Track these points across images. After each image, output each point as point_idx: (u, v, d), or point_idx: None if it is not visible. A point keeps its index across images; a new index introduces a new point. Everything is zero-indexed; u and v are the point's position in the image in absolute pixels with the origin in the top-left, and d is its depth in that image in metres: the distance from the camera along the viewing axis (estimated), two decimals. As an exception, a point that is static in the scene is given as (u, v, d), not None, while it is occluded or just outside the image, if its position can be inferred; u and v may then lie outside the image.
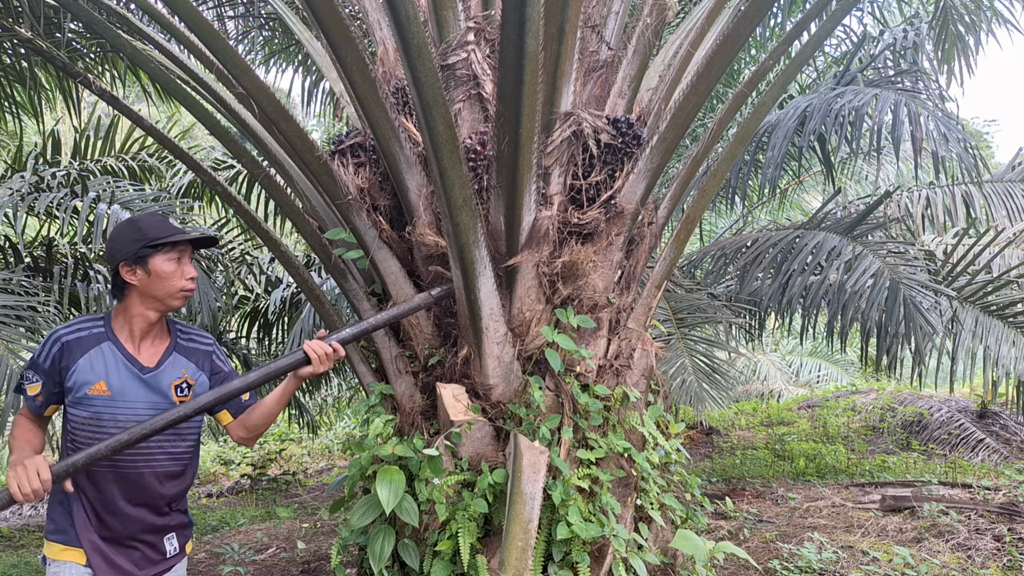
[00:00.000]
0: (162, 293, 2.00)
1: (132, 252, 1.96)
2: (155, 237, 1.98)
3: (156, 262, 1.98)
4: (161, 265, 1.98)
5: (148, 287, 1.99)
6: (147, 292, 2.00)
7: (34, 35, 3.85)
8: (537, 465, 2.22)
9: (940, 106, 4.95)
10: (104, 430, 1.95)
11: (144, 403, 2.01)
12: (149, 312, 2.03)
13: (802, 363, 14.17)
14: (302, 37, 3.81)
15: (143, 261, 1.96)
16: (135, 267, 1.97)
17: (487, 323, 2.44)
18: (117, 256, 1.98)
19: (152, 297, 2.01)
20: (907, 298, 4.14)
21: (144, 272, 1.97)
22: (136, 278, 1.98)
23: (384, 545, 2.40)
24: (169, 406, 2.03)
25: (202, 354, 2.18)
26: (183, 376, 2.10)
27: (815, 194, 10.39)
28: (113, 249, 1.99)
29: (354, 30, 2.00)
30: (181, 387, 2.09)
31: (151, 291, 2.00)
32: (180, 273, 2.02)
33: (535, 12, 1.76)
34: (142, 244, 1.96)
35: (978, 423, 7.90)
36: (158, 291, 2.00)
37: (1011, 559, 3.78)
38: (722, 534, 4.58)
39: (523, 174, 2.18)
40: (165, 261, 1.99)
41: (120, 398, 1.98)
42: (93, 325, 2.01)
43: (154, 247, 1.97)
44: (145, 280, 1.98)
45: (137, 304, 2.02)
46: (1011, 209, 5.61)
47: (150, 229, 1.99)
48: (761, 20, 2.78)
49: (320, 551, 5.11)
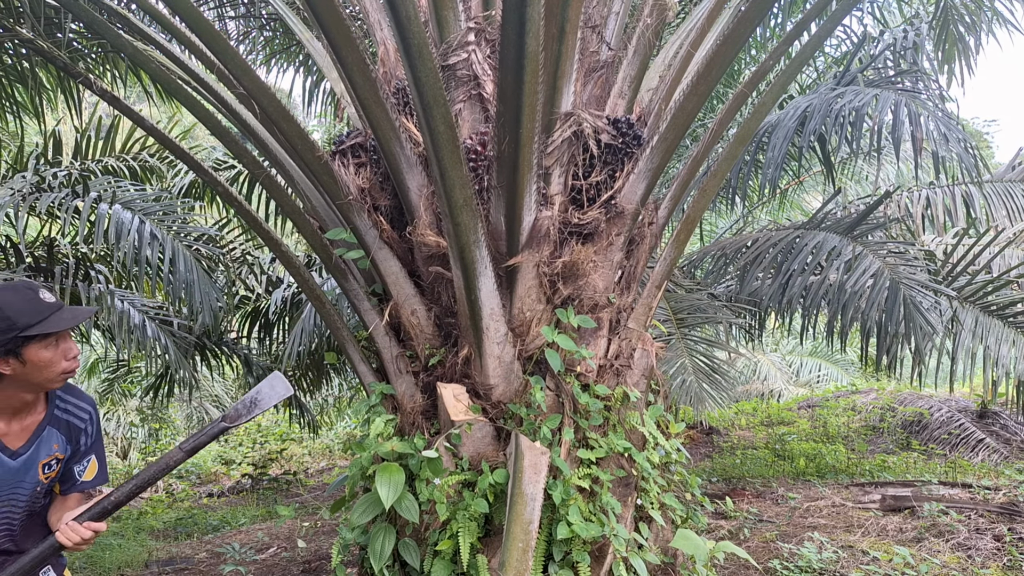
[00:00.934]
0: (40, 379, 1.82)
1: (2, 343, 1.73)
2: (26, 325, 1.74)
3: (31, 352, 1.77)
4: (37, 354, 1.78)
5: (23, 375, 1.79)
6: (23, 379, 1.81)
7: (35, 35, 3.85)
8: (538, 466, 2.22)
9: (940, 106, 4.95)
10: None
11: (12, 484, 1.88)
12: (25, 395, 1.86)
13: (802, 363, 14.17)
14: (303, 37, 3.81)
15: (16, 353, 1.75)
16: (8, 358, 1.76)
17: (488, 323, 2.44)
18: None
19: (28, 383, 1.83)
20: (907, 298, 4.15)
21: (18, 363, 1.77)
22: (10, 368, 1.77)
23: (385, 544, 2.40)
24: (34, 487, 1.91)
25: (75, 428, 2.00)
26: (53, 453, 1.93)
27: (815, 194, 10.39)
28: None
29: (355, 30, 2.00)
30: (50, 464, 1.94)
31: (28, 378, 1.81)
32: (60, 355, 1.83)
33: (535, 12, 1.76)
34: (13, 334, 1.73)
35: (978, 423, 7.90)
36: (35, 378, 1.81)
37: (1011, 559, 3.79)
38: (722, 534, 4.59)
39: (523, 174, 2.19)
40: (41, 349, 1.78)
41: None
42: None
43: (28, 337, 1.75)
44: (20, 369, 1.78)
45: (10, 388, 1.82)
46: (1011, 209, 5.61)
47: (20, 316, 1.74)
48: (761, 20, 2.78)
49: (321, 550, 5.12)
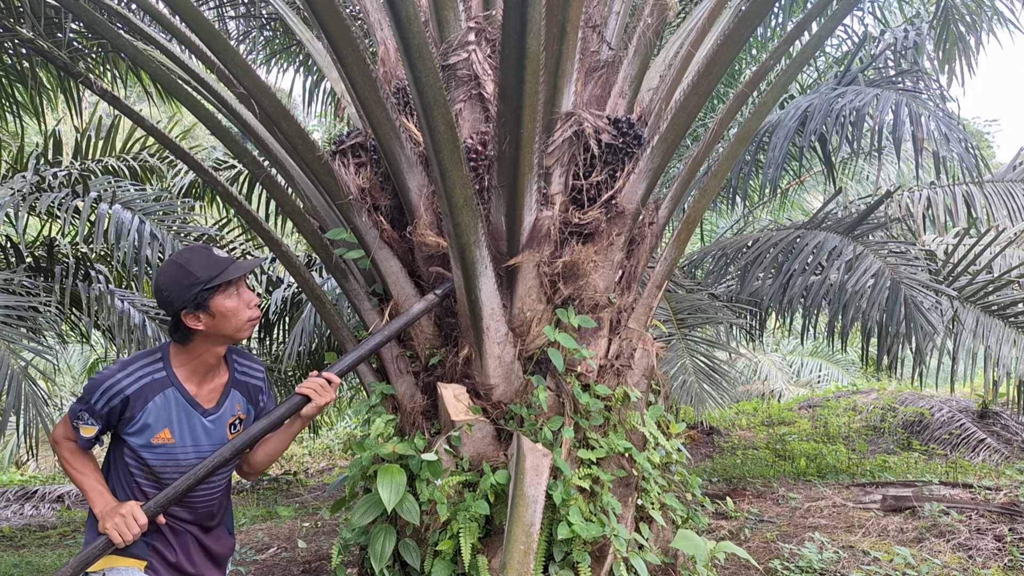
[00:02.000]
0: (230, 330, 1.94)
1: (191, 298, 1.86)
2: (209, 278, 1.88)
3: (218, 303, 1.89)
4: (223, 304, 1.90)
5: (215, 328, 1.92)
6: (215, 332, 1.93)
7: (35, 35, 3.85)
8: (540, 467, 2.22)
9: (941, 106, 4.95)
10: (166, 475, 1.95)
11: (206, 447, 1.99)
12: (218, 348, 1.98)
13: (803, 363, 14.17)
14: (303, 37, 3.81)
15: (204, 306, 1.88)
16: (198, 313, 1.88)
17: (488, 323, 2.44)
18: (176, 304, 1.88)
19: (221, 336, 1.94)
20: (908, 298, 4.14)
21: (208, 316, 1.89)
22: (202, 323, 1.90)
23: (385, 544, 2.40)
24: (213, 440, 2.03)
25: (253, 388, 2.15)
26: (237, 413, 2.07)
27: (816, 194, 10.39)
28: (169, 298, 1.89)
29: (355, 30, 2.00)
30: (234, 424, 2.08)
31: (219, 331, 1.93)
32: (243, 304, 1.95)
33: (537, 12, 1.76)
34: (199, 288, 1.86)
35: (979, 423, 7.89)
36: (226, 329, 1.93)
37: (1012, 559, 3.78)
38: (723, 534, 4.58)
39: (524, 174, 2.18)
40: (226, 299, 1.91)
41: (182, 444, 1.95)
42: (153, 369, 1.94)
43: (211, 288, 1.88)
44: (211, 323, 1.90)
45: (203, 344, 1.95)
46: (1012, 209, 5.61)
47: (201, 269, 1.89)
48: (762, 20, 2.78)
49: (321, 551, 5.12)
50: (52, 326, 5.04)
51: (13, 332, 3.98)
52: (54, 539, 6.70)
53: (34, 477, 11.36)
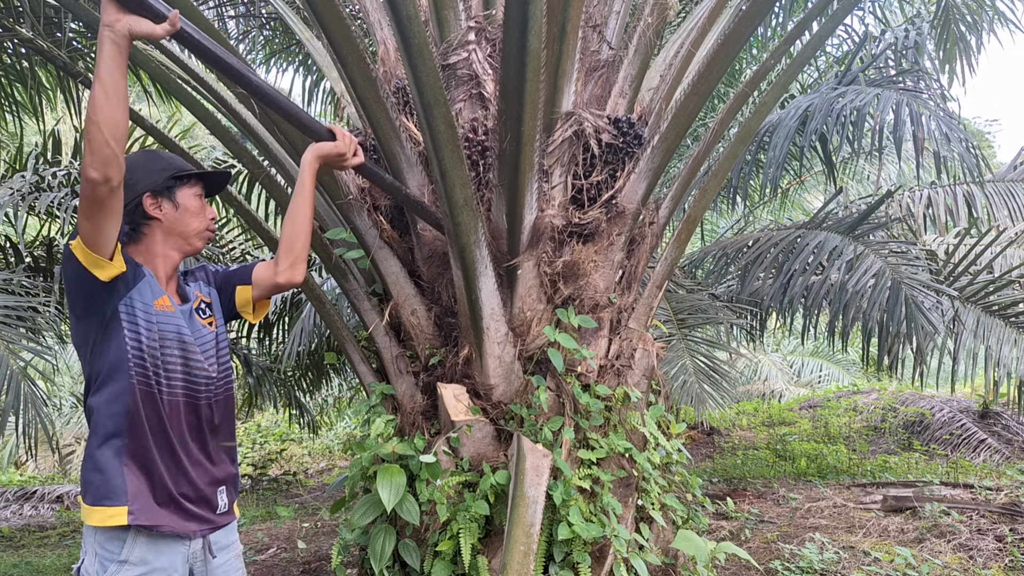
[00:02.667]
0: (188, 230, 1.83)
1: (159, 182, 1.76)
2: (182, 167, 1.81)
3: (184, 195, 1.81)
4: (189, 199, 1.82)
5: (174, 222, 1.80)
6: (172, 229, 1.81)
7: (35, 35, 3.85)
8: (540, 468, 2.21)
9: (942, 106, 4.94)
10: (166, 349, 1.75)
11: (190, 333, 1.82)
12: (173, 252, 1.84)
13: (803, 363, 14.16)
14: (303, 37, 3.80)
15: (170, 192, 1.78)
16: (160, 200, 1.77)
17: (488, 323, 2.43)
18: (139, 186, 1.74)
19: (177, 235, 1.82)
20: (909, 298, 4.14)
21: (171, 205, 1.79)
22: (162, 212, 1.78)
23: (385, 545, 2.39)
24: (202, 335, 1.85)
25: (199, 272, 2.00)
26: (198, 297, 1.92)
27: (816, 194, 10.39)
28: (133, 179, 1.72)
29: (355, 30, 1.99)
30: (200, 308, 1.91)
31: (176, 227, 1.81)
32: (204, 211, 1.87)
33: (537, 10, 1.76)
34: (169, 174, 1.78)
35: (980, 423, 7.89)
36: (184, 228, 1.82)
37: (1013, 559, 3.78)
38: (723, 534, 4.58)
39: (525, 173, 2.18)
40: (192, 196, 1.83)
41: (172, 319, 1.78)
42: None
43: (180, 178, 1.80)
44: (172, 214, 1.79)
45: (160, 243, 1.81)
46: (1013, 209, 5.60)
47: (175, 160, 1.83)
48: (762, 20, 2.78)
49: (321, 551, 5.11)
50: (51, 326, 5.04)
51: (12, 332, 3.98)
52: (53, 539, 6.70)
53: (33, 477, 11.37)
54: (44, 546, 6.41)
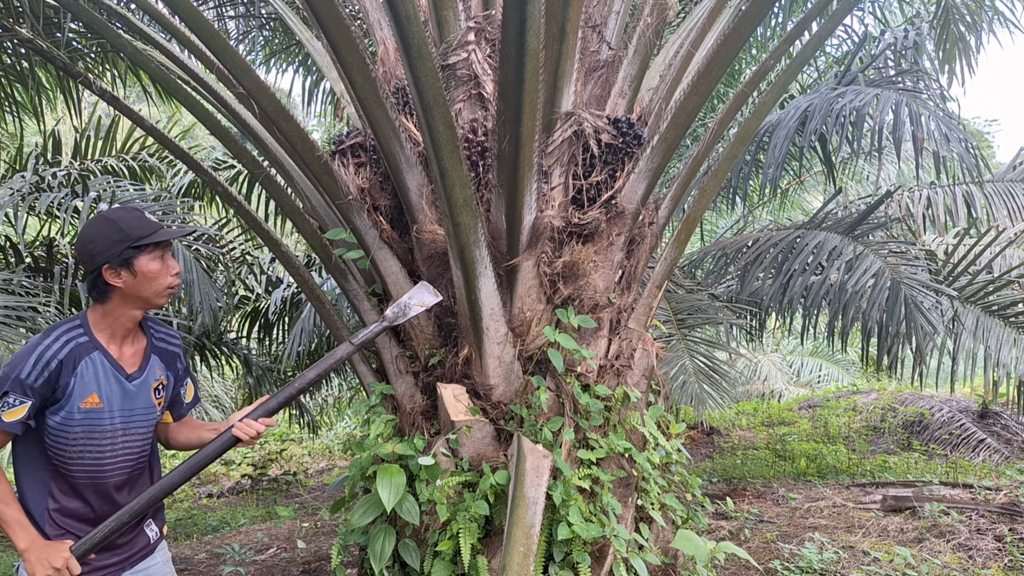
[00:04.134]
0: (149, 293, 1.93)
1: (116, 253, 1.86)
2: (139, 237, 1.88)
3: (142, 263, 1.89)
4: (147, 265, 1.90)
5: (134, 288, 1.91)
6: (132, 293, 1.92)
7: (35, 35, 3.84)
8: (540, 469, 2.21)
9: (941, 106, 4.94)
10: (93, 442, 1.91)
11: (131, 410, 1.97)
12: (135, 311, 1.96)
13: (803, 363, 14.17)
14: (302, 37, 3.81)
15: (128, 263, 1.87)
16: (119, 269, 1.87)
17: (488, 323, 2.44)
18: (98, 258, 1.87)
19: (138, 297, 1.93)
20: (908, 298, 4.14)
21: (129, 274, 1.89)
22: (121, 280, 1.89)
23: (385, 545, 2.40)
24: (146, 412, 2.01)
25: (171, 355, 2.13)
26: (159, 378, 2.05)
27: (816, 194, 10.39)
28: (93, 251, 1.87)
29: (354, 30, 1.99)
30: (159, 390, 2.06)
31: (137, 292, 1.92)
32: (166, 270, 1.95)
33: (536, 9, 1.76)
34: (126, 245, 1.86)
35: (979, 423, 7.89)
36: (144, 291, 1.92)
37: (1012, 559, 3.78)
38: (723, 534, 4.58)
39: (524, 173, 2.18)
40: (150, 261, 1.91)
41: (109, 408, 1.92)
42: (76, 334, 1.91)
43: (138, 247, 1.88)
44: (131, 281, 1.90)
45: (120, 305, 1.93)
46: (1012, 209, 5.61)
47: (132, 228, 1.89)
48: (762, 20, 2.78)
49: (321, 551, 5.11)
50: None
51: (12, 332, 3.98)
52: (54, 539, 6.70)
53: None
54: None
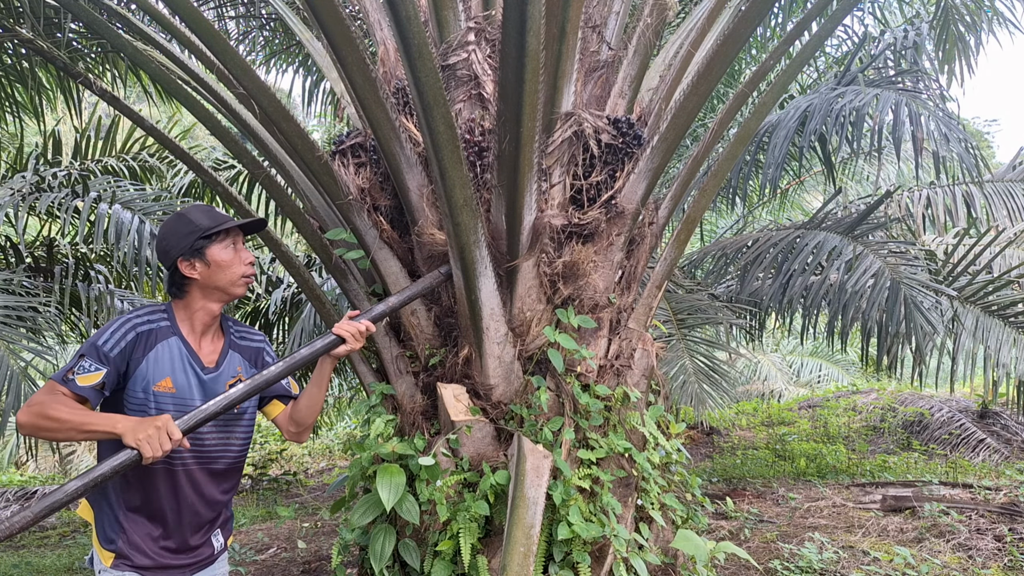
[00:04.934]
0: (224, 282, 1.98)
1: (188, 245, 1.92)
2: (208, 227, 1.95)
3: (214, 252, 1.95)
4: (219, 254, 1.96)
5: (209, 278, 1.96)
6: (209, 284, 1.97)
7: (35, 35, 3.85)
8: (541, 469, 2.22)
9: (941, 106, 4.95)
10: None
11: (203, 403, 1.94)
12: (212, 304, 2.00)
13: (803, 363, 14.17)
14: (303, 37, 3.81)
15: (200, 253, 1.94)
16: (193, 260, 1.94)
17: (488, 323, 2.44)
18: (173, 252, 1.94)
19: (215, 288, 1.98)
20: (908, 298, 4.14)
21: (203, 264, 1.95)
22: (196, 271, 1.95)
23: (385, 545, 2.40)
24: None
25: (254, 350, 2.16)
26: (238, 374, 2.07)
27: (816, 194, 10.39)
28: (167, 246, 1.95)
29: (355, 30, 2.00)
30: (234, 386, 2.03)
31: (213, 282, 1.97)
32: (238, 259, 2.00)
33: (536, 11, 1.76)
34: (197, 236, 1.93)
35: (979, 423, 7.90)
36: (220, 281, 1.97)
37: (1012, 559, 3.78)
38: (723, 534, 4.58)
39: (524, 173, 2.18)
40: (222, 250, 1.97)
41: (181, 396, 1.93)
42: (159, 318, 1.96)
43: (208, 237, 1.95)
44: (205, 272, 1.95)
45: (199, 298, 1.99)
46: (1012, 209, 5.61)
47: (201, 219, 1.96)
48: (762, 20, 2.78)
49: (321, 551, 5.11)
50: (52, 326, 5.04)
51: (13, 332, 3.98)
52: (54, 539, 6.70)
53: (33, 477, 11.36)
54: (44, 546, 6.41)
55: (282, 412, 2.20)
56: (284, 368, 2.01)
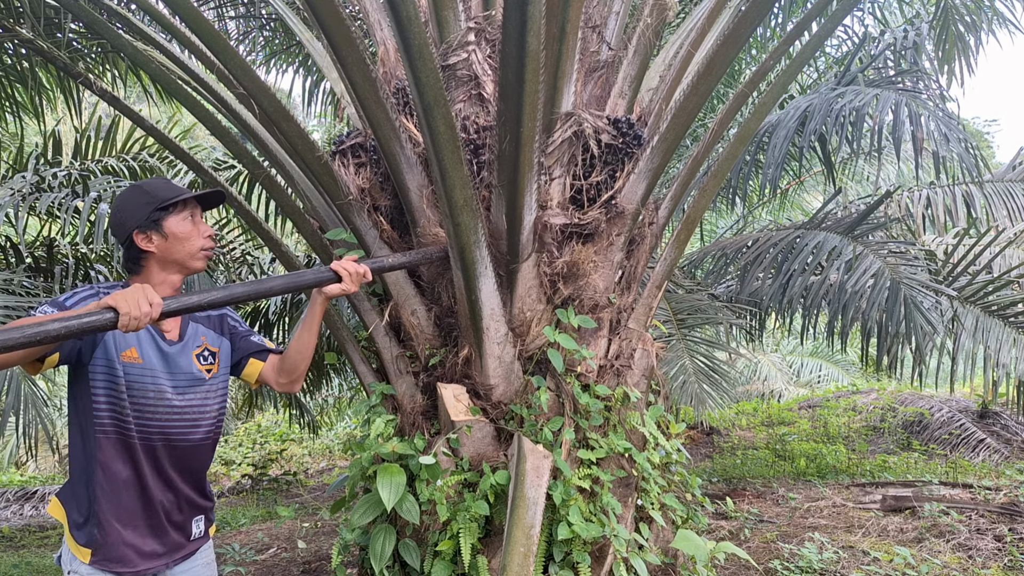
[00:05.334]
0: (183, 255, 1.93)
1: (144, 217, 1.87)
2: (165, 198, 1.89)
3: (171, 224, 1.90)
4: (177, 226, 1.91)
5: (167, 251, 1.90)
6: (167, 257, 1.91)
7: (35, 35, 3.85)
8: (541, 469, 2.22)
9: (941, 106, 4.95)
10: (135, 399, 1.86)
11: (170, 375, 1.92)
12: (172, 277, 1.95)
13: (803, 363, 14.18)
14: (303, 37, 3.81)
15: (157, 225, 1.88)
16: (150, 232, 1.88)
17: (488, 323, 2.44)
18: (129, 224, 1.88)
19: (173, 262, 1.93)
20: (908, 298, 4.14)
21: (160, 236, 1.89)
22: (153, 244, 1.89)
23: (385, 544, 2.40)
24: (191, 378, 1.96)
25: (216, 319, 2.11)
26: (203, 344, 2.02)
27: (816, 194, 10.39)
28: (123, 218, 1.89)
29: (355, 30, 2.00)
30: (203, 356, 2.02)
31: (171, 255, 1.91)
32: (197, 232, 1.95)
33: (536, 11, 1.76)
34: (153, 207, 1.87)
35: (979, 423, 7.90)
36: (178, 254, 1.92)
37: (1012, 559, 3.78)
38: (723, 534, 4.58)
39: (524, 173, 2.18)
40: (180, 222, 1.91)
41: (149, 366, 1.88)
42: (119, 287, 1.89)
43: (165, 209, 1.89)
44: (163, 245, 1.89)
45: (158, 272, 1.92)
46: (1012, 209, 5.61)
47: (158, 191, 1.91)
48: (762, 20, 2.78)
49: (321, 551, 5.12)
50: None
51: (13, 332, 3.97)
52: (54, 539, 6.70)
53: (34, 477, 11.36)
54: (44, 546, 6.41)
55: (266, 366, 2.15)
56: (283, 283, 1.96)
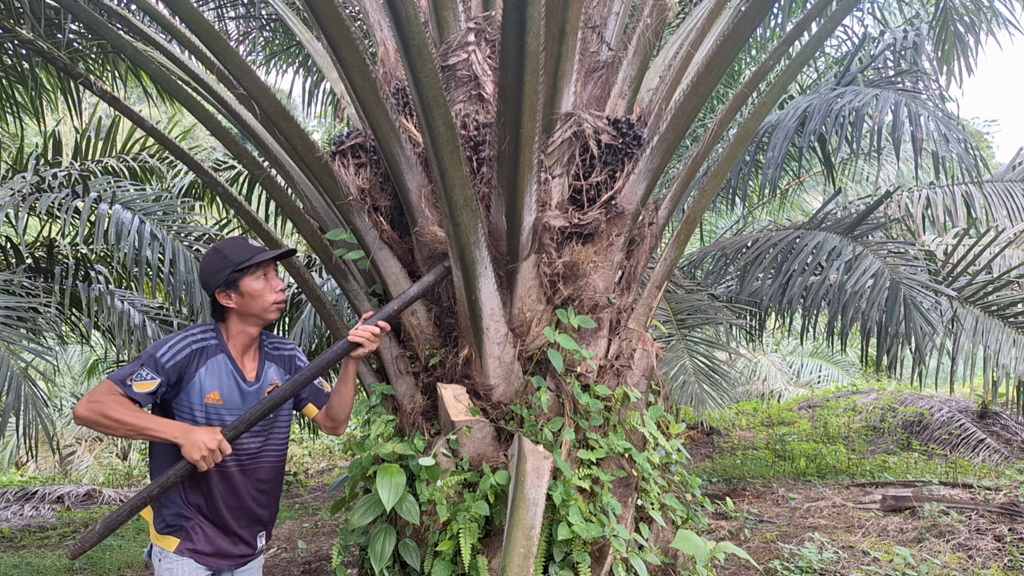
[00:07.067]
0: (258, 310, 2.21)
1: (223, 279, 2.16)
2: (240, 261, 2.17)
3: (246, 283, 2.18)
4: (251, 285, 2.18)
5: (244, 307, 2.20)
6: (244, 311, 2.21)
7: (35, 36, 3.85)
8: (541, 470, 2.22)
9: (940, 106, 4.95)
10: None
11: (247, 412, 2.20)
12: (250, 328, 2.25)
13: (802, 363, 14.17)
14: (303, 38, 3.81)
15: (234, 285, 2.17)
16: (229, 292, 2.18)
17: (488, 323, 2.44)
18: (211, 285, 2.19)
19: (250, 315, 2.22)
20: (907, 298, 4.15)
21: (238, 295, 2.18)
22: (232, 301, 2.19)
23: (385, 545, 2.40)
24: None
25: (286, 358, 2.40)
26: (275, 384, 2.31)
27: (815, 194, 10.40)
28: (205, 280, 2.20)
29: (355, 31, 2.00)
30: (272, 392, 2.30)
31: (248, 310, 2.20)
32: (269, 288, 2.22)
33: (536, 11, 1.76)
34: (230, 270, 2.16)
35: (979, 423, 7.90)
36: (254, 308, 2.20)
37: (1012, 559, 3.78)
38: (723, 534, 4.58)
39: (524, 174, 2.19)
40: (253, 281, 2.19)
41: (227, 407, 2.17)
42: (210, 336, 2.21)
43: (241, 270, 2.17)
44: (240, 301, 2.19)
45: (237, 323, 2.23)
46: (1011, 209, 5.61)
47: (234, 253, 2.19)
48: (761, 21, 2.78)
49: (321, 551, 5.12)
50: (52, 327, 5.04)
51: (13, 333, 3.98)
52: (54, 540, 6.70)
53: (34, 478, 11.36)
54: (45, 547, 6.41)
55: (320, 412, 2.45)
56: (309, 373, 2.23)
